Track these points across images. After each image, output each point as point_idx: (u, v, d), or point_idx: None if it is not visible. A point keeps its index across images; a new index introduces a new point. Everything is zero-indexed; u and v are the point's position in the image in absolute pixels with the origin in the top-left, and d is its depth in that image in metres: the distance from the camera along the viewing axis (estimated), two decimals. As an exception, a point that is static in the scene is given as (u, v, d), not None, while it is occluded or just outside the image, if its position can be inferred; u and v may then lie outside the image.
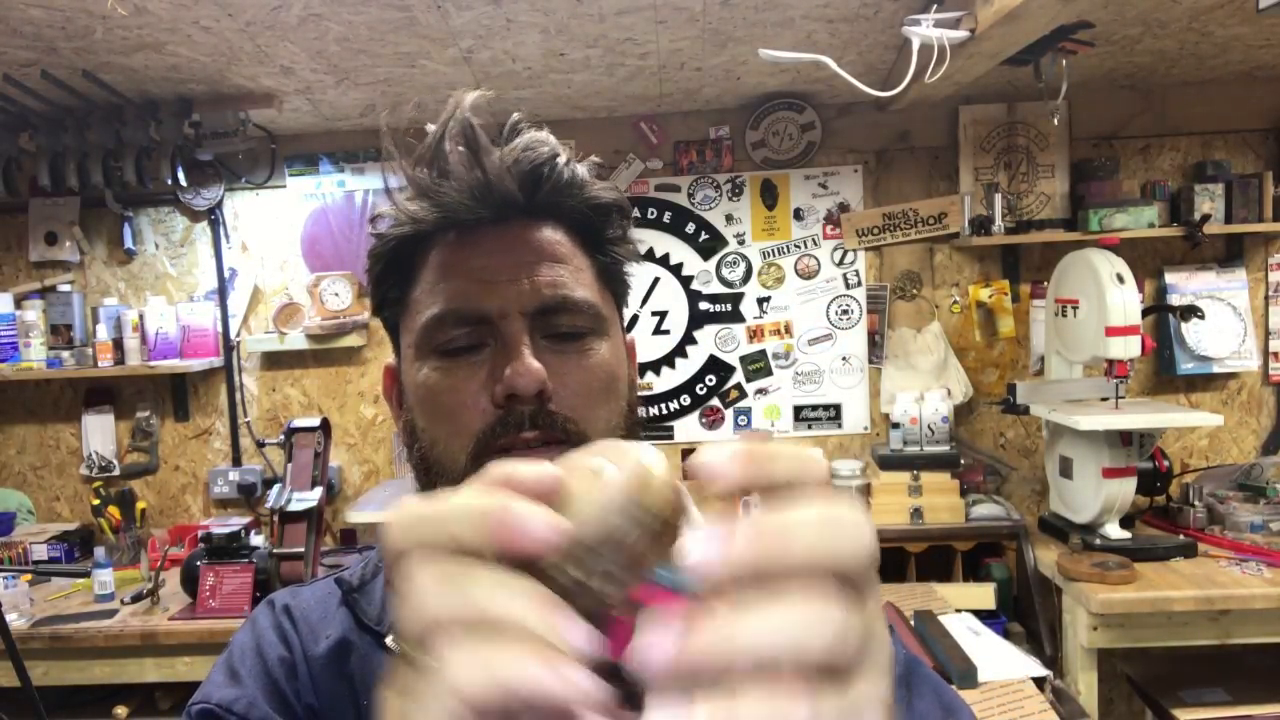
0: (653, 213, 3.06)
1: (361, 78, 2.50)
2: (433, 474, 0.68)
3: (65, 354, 2.99)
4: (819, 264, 3.04)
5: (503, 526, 0.30)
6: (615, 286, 0.73)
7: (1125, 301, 2.37)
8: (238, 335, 3.11)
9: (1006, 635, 2.35)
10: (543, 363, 0.65)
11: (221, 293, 3.10)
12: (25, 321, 2.98)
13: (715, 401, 3.09)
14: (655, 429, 3.10)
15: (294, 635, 0.74)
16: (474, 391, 0.65)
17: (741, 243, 3.05)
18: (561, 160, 0.68)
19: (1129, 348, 2.38)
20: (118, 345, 2.98)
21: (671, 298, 3.07)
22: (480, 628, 0.29)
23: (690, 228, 3.06)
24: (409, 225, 0.68)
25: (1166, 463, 2.65)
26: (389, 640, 0.69)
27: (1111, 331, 2.37)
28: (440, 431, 0.67)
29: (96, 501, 2.95)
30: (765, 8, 2.14)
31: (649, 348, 3.09)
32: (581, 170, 0.69)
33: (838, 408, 3.08)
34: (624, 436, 0.69)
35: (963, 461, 2.77)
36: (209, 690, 0.70)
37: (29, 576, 2.69)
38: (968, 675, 1.89)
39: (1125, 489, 2.45)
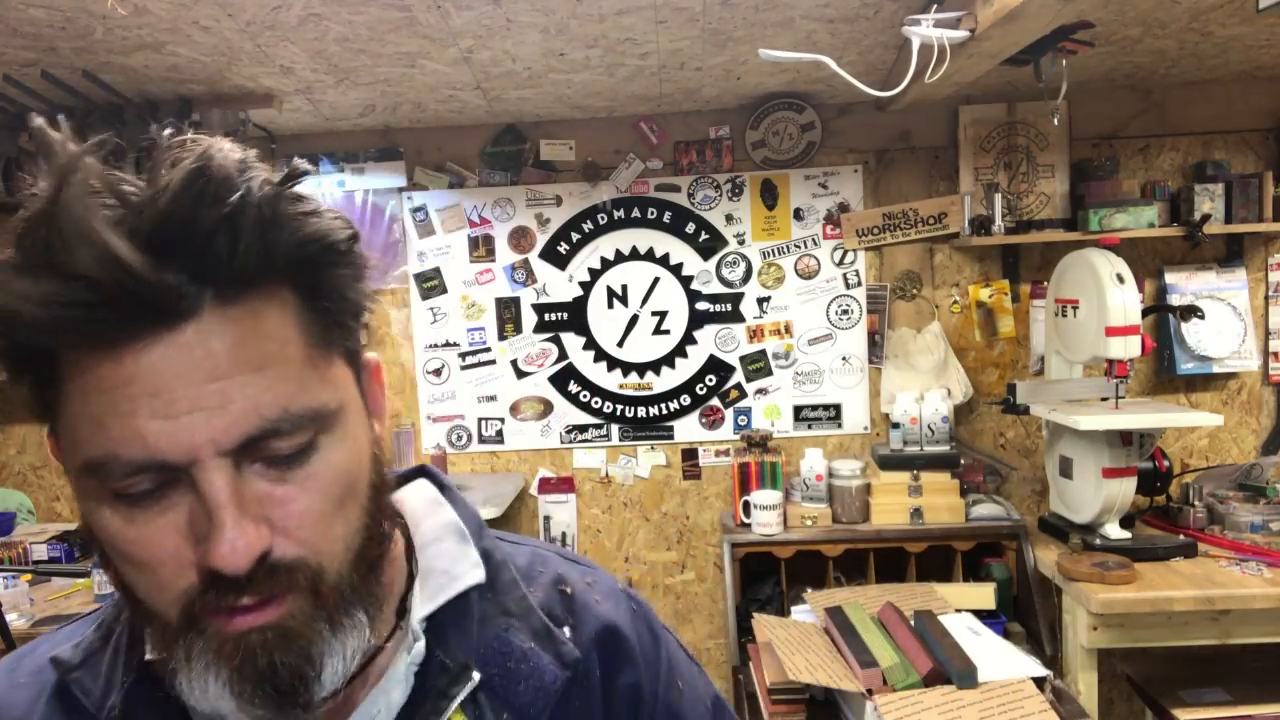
0: (653, 213, 3.06)
1: (361, 78, 2.50)
2: (139, 610, 0.55)
3: (65, 354, 2.99)
4: (819, 264, 3.05)
5: None
6: (344, 332, 0.57)
7: (1125, 301, 2.37)
8: (238, 335, 3.11)
9: (1006, 635, 2.35)
10: (256, 500, 0.51)
11: (221, 293, 3.10)
12: (25, 321, 2.97)
13: (715, 401, 3.09)
14: (655, 429, 3.10)
15: None
16: (171, 546, 0.50)
17: (741, 243, 3.05)
18: (252, 202, 0.49)
19: (1129, 348, 2.38)
20: (118, 345, 2.98)
21: (671, 298, 3.07)
22: None
23: (690, 228, 3.06)
24: (16, 328, 0.48)
25: (1166, 463, 2.65)
26: None
27: (1111, 331, 2.37)
28: (137, 581, 0.53)
29: (96, 501, 2.95)
30: (765, 8, 2.14)
31: (649, 347, 3.09)
32: (288, 204, 0.52)
33: (838, 408, 3.08)
34: (369, 525, 0.57)
35: (963, 461, 2.77)
36: None
37: (29, 576, 2.69)
38: (967, 675, 1.89)
39: (1125, 489, 2.45)
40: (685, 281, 3.07)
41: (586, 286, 3.08)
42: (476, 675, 0.62)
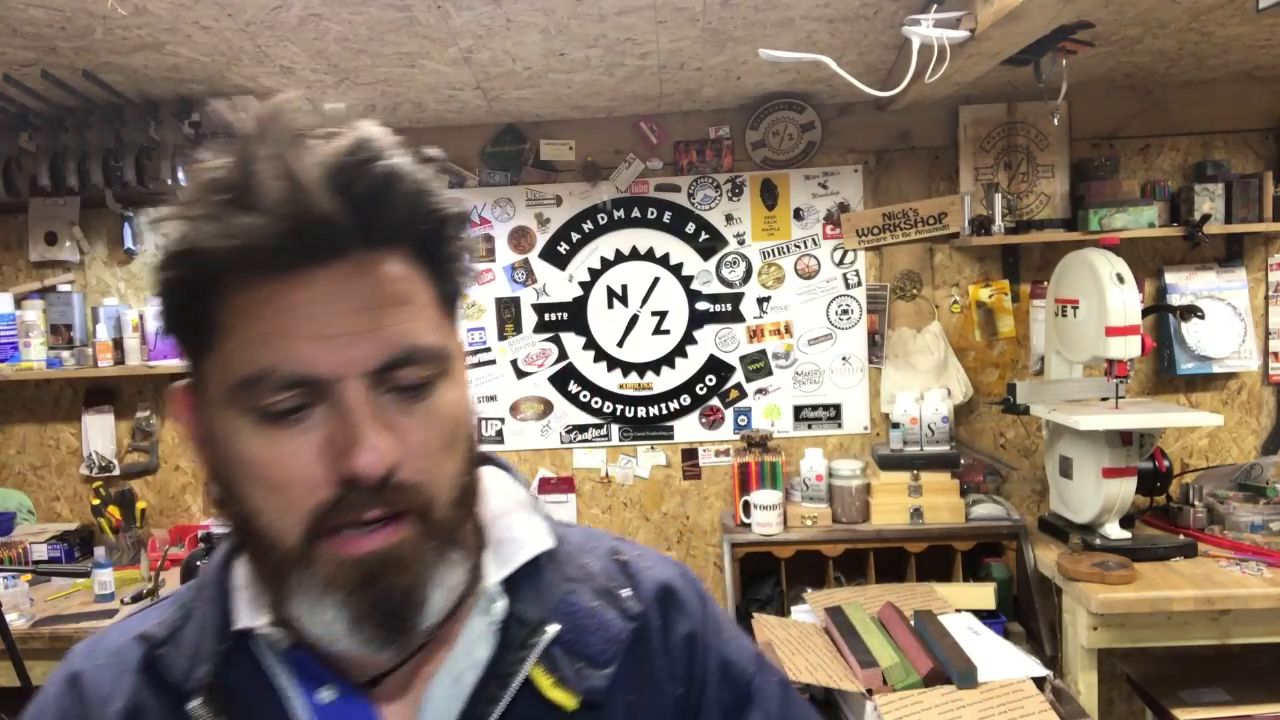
0: (653, 213, 3.06)
1: (361, 78, 2.50)
2: (257, 543, 0.60)
3: (65, 354, 2.99)
4: (819, 264, 3.05)
5: None
6: (455, 303, 0.65)
7: (1125, 301, 2.37)
8: (238, 335, 3.11)
9: (1006, 635, 2.35)
10: (386, 424, 0.57)
11: (221, 293, 3.10)
12: (25, 321, 2.98)
13: (715, 401, 3.09)
14: (655, 429, 3.10)
15: (75, 718, 0.66)
16: (305, 463, 0.56)
17: (741, 243, 3.05)
18: (402, 167, 0.58)
19: (1129, 348, 2.38)
20: (118, 345, 2.98)
21: (671, 298, 3.07)
22: None
23: (690, 228, 3.06)
24: (199, 259, 0.56)
25: (1166, 463, 2.65)
26: (192, 705, 0.63)
27: (1111, 331, 2.37)
28: (265, 503, 0.58)
29: (96, 501, 2.95)
30: (765, 8, 2.14)
31: (649, 348, 3.09)
32: (425, 177, 0.60)
33: (838, 408, 3.07)
34: (466, 478, 0.63)
35: (963, 461, 2.77)
36: None
37: (29, 576, 2.69)
38: (968, 675, 1.89)
39: (1125, 489, 2.45)
40: (685, 281, 3.07)
41: (586, 286, 3.09)
42: (553, 627, 0.67)
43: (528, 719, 0.64)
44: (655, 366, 3.09)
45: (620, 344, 3.09)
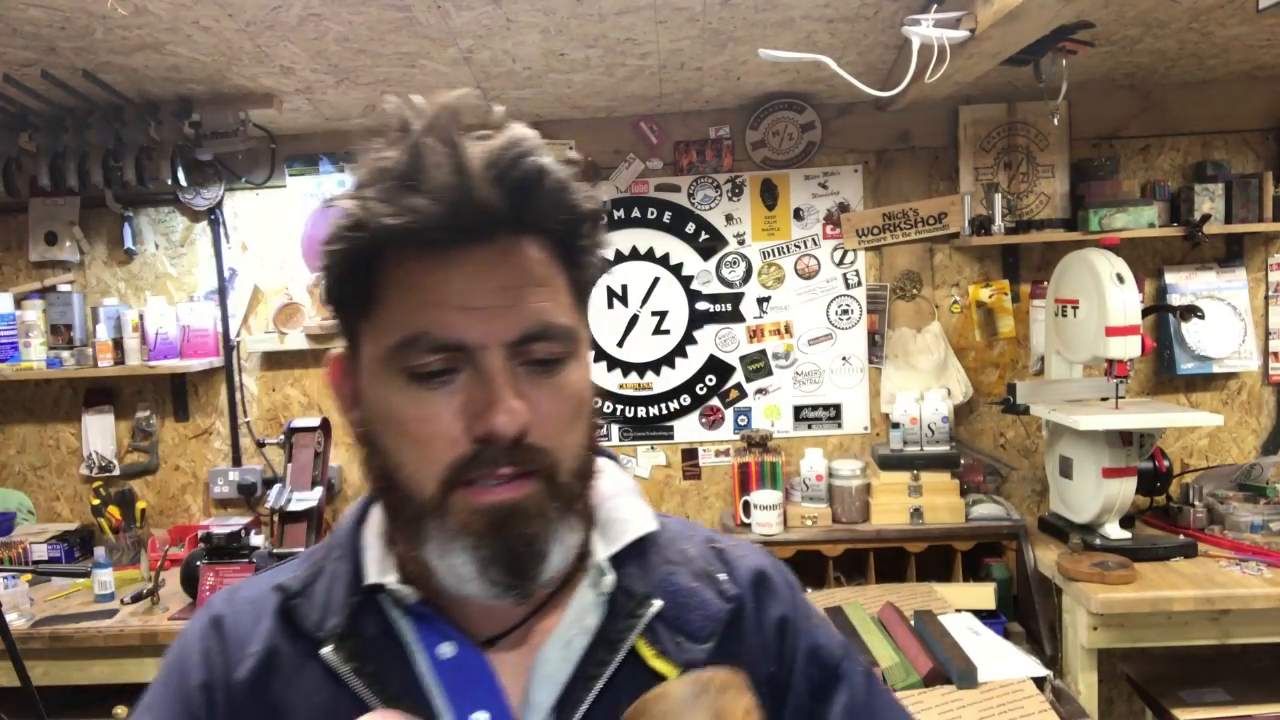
0: (653, 213, 3.06)
1: (361, 78, 2.50)
2: (396, 494, 0.66)
3: (65, 354, 2.99)
4: (819, 264, 3.05)
5: None
6: (587, 294, 0.71)
7: (1125, 301, 2.37)
8: (238, 335, 3.11)
9: (1006, 635, 2.35)
10: (519, 393, 0.63)
11: (221, 293, 3.10)
12: (25, 321, 2.98)
13: (715, 401, 3.09)
14: (655, 429, 3.10)
15: (218, 656, 0.72)
16: (447, 421, 0.63)
17: (741, 243, 3.05)
18: (549, 165, 0.64)
19: (1129, 348, 2.38)
20: (118, 345, 2.99)
21: (671, 298, 3.07)
22: None
23: (690, 228, 3.06)
24: (369, 233, 0.63)
25: (1166, 463, 2.65)
26: (325, 651, 0.68)
27: (1111, 331, 2.37)
28: (408, 456, 0.65)
29: (96, 501, 2.95)
30: (765, 8, 2.14)
31: (649, 348, 3.09)
32: (567, 175, 0.65)
33: (838, 408, 3.07)
34: (587, 452, 0.69)
35: (963, 461, 2.77)
36: (136, 715, 0.73)
37: (29, 576, 2.69)
38: (968, 675, 1.89)
39: (1125, 489, 2.45)
40: (685, 281, 3.07)
41: (586, 286, 3.08)
42: (657, 602, 0.71)
43: (631, 685, 0.67)
44: (655, 366, 3.09)
45: (620, 344, 3.09)
